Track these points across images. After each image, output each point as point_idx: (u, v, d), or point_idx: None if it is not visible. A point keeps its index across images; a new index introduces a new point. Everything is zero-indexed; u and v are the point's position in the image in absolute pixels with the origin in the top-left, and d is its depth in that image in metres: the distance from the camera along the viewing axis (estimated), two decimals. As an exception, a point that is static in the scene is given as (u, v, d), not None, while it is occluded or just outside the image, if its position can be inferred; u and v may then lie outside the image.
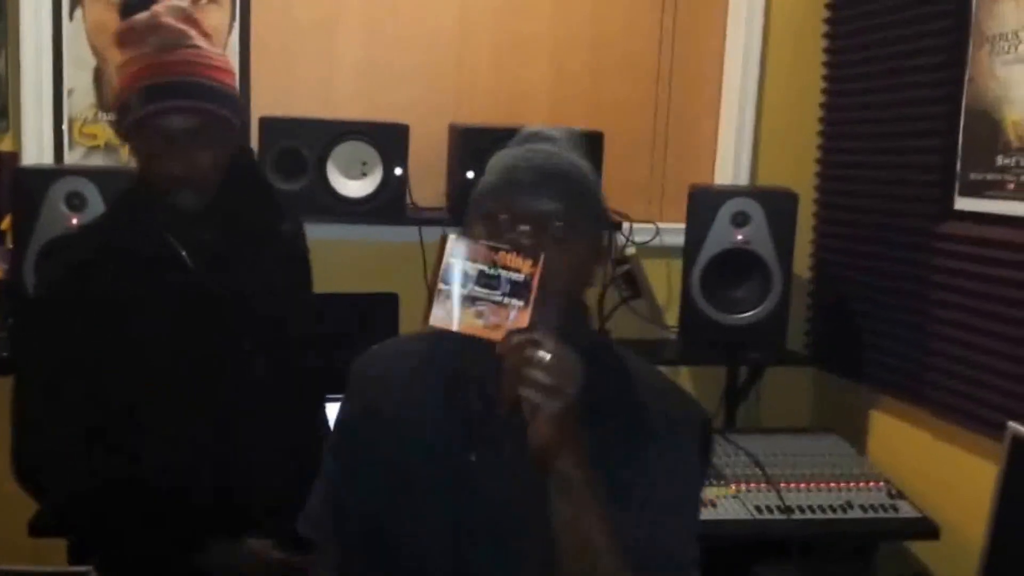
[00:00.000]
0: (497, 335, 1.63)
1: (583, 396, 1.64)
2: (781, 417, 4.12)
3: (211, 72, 2.33)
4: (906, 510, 3.29)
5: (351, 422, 2.03)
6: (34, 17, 3.67)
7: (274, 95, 3.85)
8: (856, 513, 3.24)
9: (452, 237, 1.66)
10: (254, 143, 3.68)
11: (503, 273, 1.63)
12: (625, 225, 3.95)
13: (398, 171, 3.57)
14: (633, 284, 4.01)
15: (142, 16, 2.33)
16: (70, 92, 3.75)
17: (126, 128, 2.34)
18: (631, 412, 1.85)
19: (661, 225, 4.05)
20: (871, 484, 3.38)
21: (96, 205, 3.28)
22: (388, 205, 3.56)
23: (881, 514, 3.26)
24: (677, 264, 3.87)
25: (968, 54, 3.32)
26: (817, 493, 3.32)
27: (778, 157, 4.17)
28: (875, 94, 3.80)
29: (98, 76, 3.76)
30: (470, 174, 3.57)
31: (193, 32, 2.36)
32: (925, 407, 3.48)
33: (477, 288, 1.64)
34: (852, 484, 3.37)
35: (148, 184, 2.38)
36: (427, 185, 3.80)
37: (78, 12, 3.72)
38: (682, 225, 3.77)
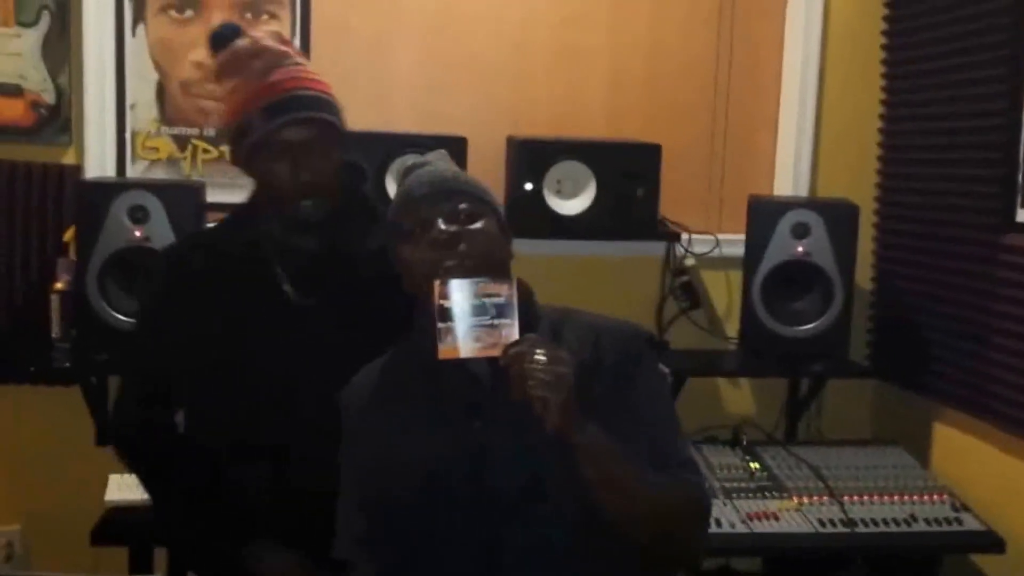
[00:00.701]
0: (496, 351, 1.90)
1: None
2: (843, 429, 4.08)
3: (315, 84, 2.46)
4: (971, 523, 3.25)
5: (357, 433, 2.21)
6: (97, 33, 3.72)
7: (333, 108, 3.87)
8: (920, 526, 3.21)
9: (437, 283, 1.92)
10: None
11: (487, 300, 1.91)
12: (684, 236, 3.93)
13: (456, 183, 3.58)
14: (692, 295, 4.00)
15: (243, 43, 2.44)
16: (132, 106, 3.79)
17: (248, 148, 2.42)
18: (600, 359, 2.09)
19: (720, 236, 4.02)
20: (935, 497, 3.35)
21: (159, 218, 3.34)
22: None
23: (945, 527, 3.22)
24: (737, 275, 3.85)
25: (1029, 64, 3.29)
26: (880, 506, 3.29)
27: (838, 168, 4.14)
28: (935, 105, 3.77)
29: (160, 90, 3.81)
30: (528, 185, 3.57)
31: (291, 51, 2.49)
32: (988, 419, 3.44)
33: (470, 318, 1.91)
34: (916, 497, 3.34)
35: (270, 200, 2.47)
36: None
37: (140, 28, 3.77)
38: (741, 236, 3.76)
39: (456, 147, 3.59)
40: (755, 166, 4.21)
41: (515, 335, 1.90)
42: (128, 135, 3.80)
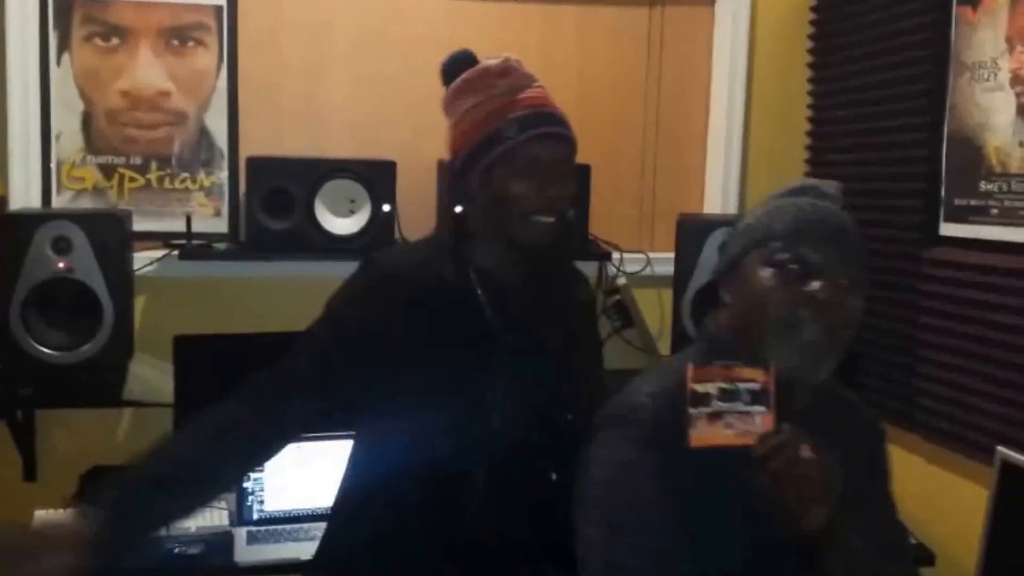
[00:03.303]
0: (749, 440, 1.80)
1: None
2: (775, 444, 4.10)
3: (559, 109, 2.39)
4: (900, 537, 3.27)
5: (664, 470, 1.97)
6: (21, 63, 3.69)
7: (262, 135, 3.86)
8: (850, 540, 3.23)
9: (690, 366, 1.82)
10: (242, 183, 3.70)
11: (741, 386, 1.81)
12: (615, 255, 3.95)
13: (386, 207, 3.59)
14: (625, 314, 4.01)
15: (494, 62, 2.40)
16: (58, 136, 3.76)
17: (492, 160, 2.30)
18: (864, 438, 2.14)
19: (651, 255, 4.05)
20: (864, 511, 3.37)
21: (82, 248, 3.30)
22: (377, 241, 3.56)
23: (875, 541, 3.24)
24: (669, 293, 3.85)
25: (949, 82, 3.34)
26: (809, 521, 3.30)
27: (766, 185, 4.13)
28: (859, 122, 3.82)
29: (86, 120, 3.77)
30: (459, 208, 3.57)
31: (536, 77, 2.44)
32: (916, 432, 3.48)
33: (721, 404, 1.81)
34: (845, 511, 3.36)
35: (502, 220, 2.32)
36: (417, 220, 3.78)
37: (66, 57, 3.74)
38: (672, 254, 3.77)
39: (386, 171, 3.62)
40: (685, 184, 4.25)
41: (770, 425, 1.81)
42: (53, 165, 3.76)
